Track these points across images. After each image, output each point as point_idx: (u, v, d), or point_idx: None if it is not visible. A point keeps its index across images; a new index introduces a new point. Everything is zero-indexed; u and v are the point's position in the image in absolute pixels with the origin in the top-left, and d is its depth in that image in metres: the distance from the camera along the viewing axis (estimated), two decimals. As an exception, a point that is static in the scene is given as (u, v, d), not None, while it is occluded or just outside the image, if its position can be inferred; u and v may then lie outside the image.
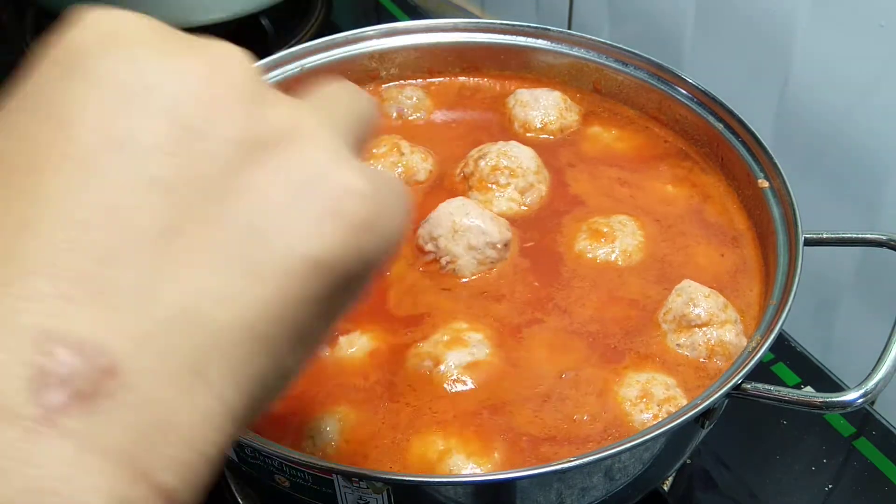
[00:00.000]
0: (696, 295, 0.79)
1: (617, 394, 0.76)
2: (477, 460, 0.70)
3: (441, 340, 0.78)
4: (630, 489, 0.75)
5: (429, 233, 0.85)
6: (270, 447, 0.66)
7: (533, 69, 1.11)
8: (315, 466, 0.65)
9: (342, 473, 0.65)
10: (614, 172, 1.00)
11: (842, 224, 1.07)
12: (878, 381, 0.68)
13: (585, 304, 0.84)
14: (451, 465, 0.69)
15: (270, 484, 0.70)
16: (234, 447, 0.69)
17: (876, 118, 1.01)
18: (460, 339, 0.78)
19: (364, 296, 0.38)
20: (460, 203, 0.86)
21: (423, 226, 0.86)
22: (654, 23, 1.29)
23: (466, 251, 0.84)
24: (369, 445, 0.72)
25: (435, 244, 0.84)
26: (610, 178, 0.99)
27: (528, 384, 0.77)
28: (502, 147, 0.95)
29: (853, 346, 1.14)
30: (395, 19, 1.70)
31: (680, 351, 0.79)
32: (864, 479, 0.93)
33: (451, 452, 0.70)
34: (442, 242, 0.84)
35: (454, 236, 0.84)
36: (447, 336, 0.79)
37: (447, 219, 0.84)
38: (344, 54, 1.10)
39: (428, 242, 0.85)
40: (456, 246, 0.84)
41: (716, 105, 0.97)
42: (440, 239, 0.84)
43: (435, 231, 0.85)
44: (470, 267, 0.84)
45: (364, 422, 0.74)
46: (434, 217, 0.85)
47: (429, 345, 0.78)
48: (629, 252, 0.88)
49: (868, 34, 0.98)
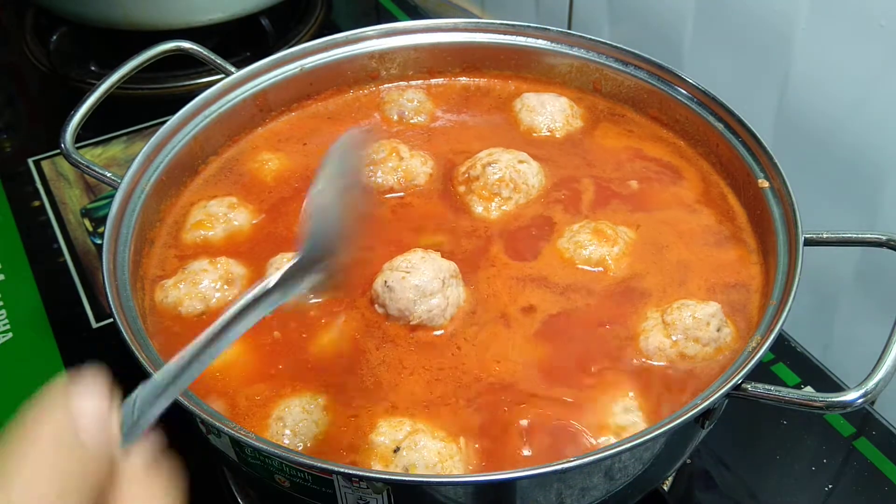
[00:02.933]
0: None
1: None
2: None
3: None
4: (630, 489, 0.75)
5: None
6: (270, 447, 0.66)
7: (533, 69, 1.12)
8: (315, 467, 0.65)
9: (342, 474, 0.65)
10: (614, 173, 1.00)
11: (842, 224, 1.07)
12: (878, 381, 0.68)
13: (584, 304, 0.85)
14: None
15: (270, 484, 0.70)
16: (234, 447, 0.69)
17: (876, 118, 1.01)
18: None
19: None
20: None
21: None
22: (654, 23, 1.29)
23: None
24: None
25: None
26: (610, 179, 0.99)
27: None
28: (513, 160, 0.95)
29: (853, 346, 1.14)
30: (395, 19, 1.70)
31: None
32: (864, 479, 0.93)
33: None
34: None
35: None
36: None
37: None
38: (344, 54, 1.10)
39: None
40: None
41: (716, 105, 0.97)
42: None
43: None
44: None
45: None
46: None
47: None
48: (621, 255, 0.89)
49: (868, 34, 0.98)
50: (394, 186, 0.97)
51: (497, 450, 0.73)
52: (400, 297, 0.81)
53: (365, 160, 0.84)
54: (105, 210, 1.21)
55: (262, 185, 1.00)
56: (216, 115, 1.01)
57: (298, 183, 1.00)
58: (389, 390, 0.78)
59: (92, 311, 1.13)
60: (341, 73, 1.11)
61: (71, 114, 0.94)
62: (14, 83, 1.60)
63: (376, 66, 1.12)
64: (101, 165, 0.93)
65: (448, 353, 0.80)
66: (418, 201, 0.96)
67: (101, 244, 0.84)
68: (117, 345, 0.73)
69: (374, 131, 1.07)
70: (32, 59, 1.59)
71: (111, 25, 1.43)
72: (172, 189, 0.97)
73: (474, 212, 0.94)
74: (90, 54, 1.53)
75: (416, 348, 0.81)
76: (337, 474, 0.65)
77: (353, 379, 0.79)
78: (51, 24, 1.53)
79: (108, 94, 0.97)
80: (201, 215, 0.94)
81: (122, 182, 0.89)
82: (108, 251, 0.82)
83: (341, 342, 0.82)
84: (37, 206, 1.29)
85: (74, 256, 1.21)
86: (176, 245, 0.92)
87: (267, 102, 1.06)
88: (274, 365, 0.80)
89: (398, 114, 1.09)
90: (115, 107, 1.06)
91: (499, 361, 0.80)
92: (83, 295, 1.16)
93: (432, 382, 0.78)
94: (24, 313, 1.14)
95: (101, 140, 1.39)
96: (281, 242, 0.92)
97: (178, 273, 0.87)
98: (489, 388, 0.78)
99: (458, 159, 1.01)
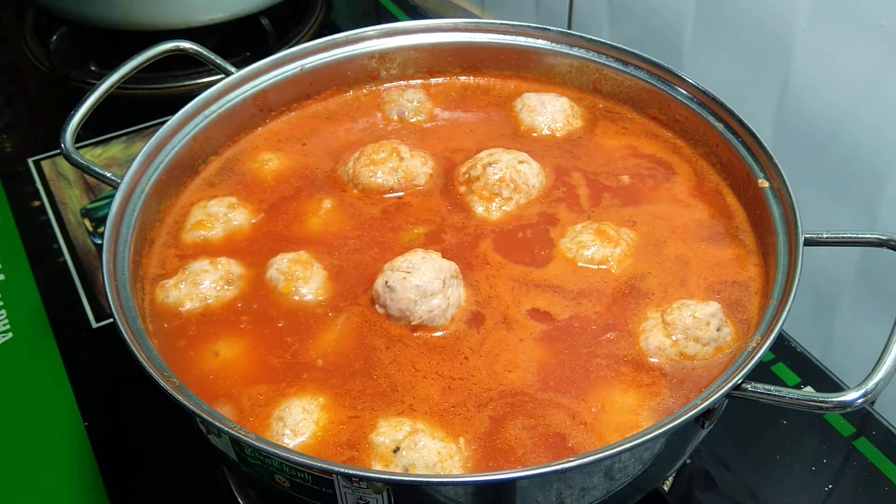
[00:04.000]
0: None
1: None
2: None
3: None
4: (630, 489, 0.75)
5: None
6: (270, 447, 0.66)
7: (533, 69, 1.11)
8: (315, 467, 0.65)
9: (342, 474, 0.65)
10: (615, 172, 1.00)
11: (842, 224, 1.08)
12: (878, 381, 0.68)
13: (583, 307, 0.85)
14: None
15: (270, 484, 0.70)
16: (234, 447, 0.69)
17: (876, 118, 1.01)
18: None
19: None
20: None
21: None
22: (654, 23, 1.29)
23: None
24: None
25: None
26: (611, 178, 0.99)
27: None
28: (513, 160, 0.96)
29: (853, 346, 1.14)
30: (395, 19, 1.70)
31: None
32: (864, 479, 0.93)
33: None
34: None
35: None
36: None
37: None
38: (344, 54, 1.10)
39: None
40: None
41: (716, 105, 0.97)
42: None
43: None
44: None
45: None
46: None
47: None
48: (623, 256, 0.89)
49: (868, 34, 0.98)
50: (394, 186, 0.97)
51: (497, 450, 0.73)
52: (401, 297, 0.81)
53: None
54: (105, 210, 1.21)
55: (262, 185, 1.00)
56: (216, 115, 1.01)
57: (298, 182, 1.00)
58: (397, 390, 0.78)
59: (92, 311, 1.14)
60: (341, 73, 1.11)
61: (71, 114, 0.94)
62: (14, 83, 1.60)
63: (376, 66, 1.12)
64: (101, 165, 0.93)
65: (449, 354, 0.80)
66: (418, 201, 0.96)
67: (101, 244, 0.84)
68: (117, 345, 0.73)
69: (374, 131, 1.07)
70: (32, 59, 1.59)
71: (111, 25, 1.43)
72: (172, 189, 0.97)
73: (475, 212, 0.94)
74: (90, 54, 1.53)
75: (416, 348, 0.81)
76: (337, 474, 0.65)
77: (353, 378, 0.79)
78: (51, 24, 1.53)
79: (108, 94, 0.97)
80: (201, 215, 0.94)
81: (122, 182, 0.89)
82: (108, 251, 0.82)
83: (341, 341, 0.82)
84: (37, 206, 1.29)
85: (74, 256, 1.21)
86: (176, 245, 0.93)
87: (267, 102, 1.07)
88: (276, 364, 0.80)
89: (398, 114, 1.09)
90: (115, 107, 1.06)
91: (501, 366, 0.80)
92: (83, 295, 1.16)
93: (426, 379, 0.78)
94: (24, 313, 1.14)
95: (101, 140, 1.39)
96: (281, 242, 0.92)
97: (179, 273, 0.87)
98: (488, 388, 0.78)
99: (458, 159, 1.01)
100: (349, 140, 1.06)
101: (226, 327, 0.83)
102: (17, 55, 1.62)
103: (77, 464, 0.96)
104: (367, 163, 0.98)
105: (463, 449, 0.73)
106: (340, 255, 0.90)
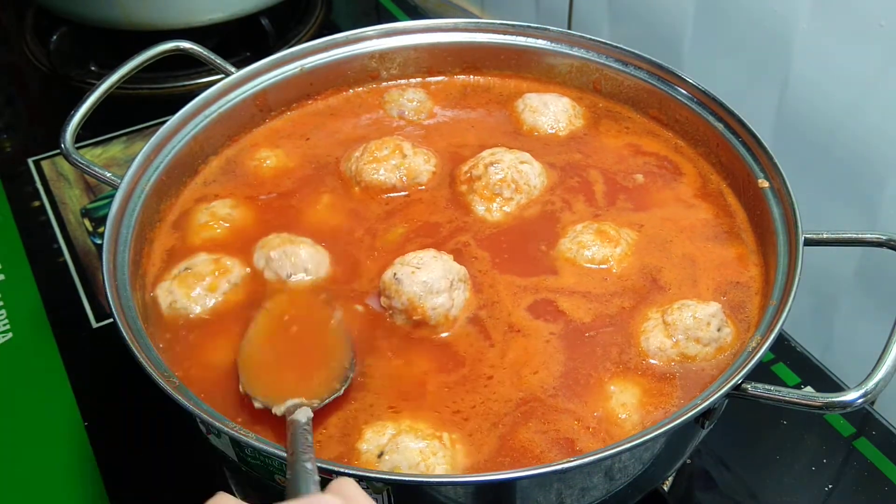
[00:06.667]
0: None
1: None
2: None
3: None
4: (630, 489, 0.75)
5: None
6: (270, 447, 0.66)
7: (533, 69, 1.12)
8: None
9: (342, 474, 0.65)
10: (616, 172, 1.00)
11: (842, 224, 1.08)
12: (878, 381, 0.68)
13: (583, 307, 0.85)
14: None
15: (270, 484, 0.70)
16: (234, 447, 0.69)
17: (876, 118, 1.01)
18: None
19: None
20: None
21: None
22: (654, 23, 1.29)
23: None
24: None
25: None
26: (612, 178, 0.99)
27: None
28: (515, 160, 0.95)
29: (853, 346, 1.14)
30: (395, 19, 1.70)
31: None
32: (864, 479, 0.93)
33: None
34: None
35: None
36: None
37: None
38: (344, 54, 1.10)
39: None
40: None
41: (716, 105, 0.97)
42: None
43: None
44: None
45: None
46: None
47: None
48: (623, 255, 0.89)
49: (868, 34, 0.98)
50: (396, 185, 0.97)
51: (505, 449, 0.73)
52: (407, 289, 0.81)
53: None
54: (105, 210, 1.21)
55: (262, 184, 1.00)
56: (216, 115, 1.01)
57: (301, 179, 1.00)
58: (391, 387, 0.78)
59: (92, 311, 1.14)
60: (341, 72, 1.11)
61: (71, 114, 0.94)
62: (14, 83, 1.60)
63: (376, 66, 1.12)
64: (101, 165, 0.93)
65: (449, 354, 0.81)
66: (419, 200, 0.96)
67: (101, 244, 0.84)
68: (117, 345, 0.72)
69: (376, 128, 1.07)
70: (32, 59, 1.59)
71: (111, 25, 1.43)
72: (172, 189, 0.97)
73: (476, 212, 0.94)
74: (90, 54, 1.53)
75: (415, 346, 0.81)
76: (337, 474, 0.65)
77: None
78: (51, 24, 1.53)
79: (108, 94, 0.97)
80: (202, 215, 0.94)
81: (122, 182, 0.89)
82: (108, 251, 0.82)
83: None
84: (37, 206, 1.29)
85: (74, 256, 1.21)
86: (176, 245, 0.92)
87: (267, 102, 1.07)
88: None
89: (398, 113, 1.09)
90: (115, 107, 1.06)
91: (501, 366, 0.80)
92: (83, 295, 1.16)
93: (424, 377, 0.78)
94: (24, 313, 1.14)
95: (101, 140, 1.39)
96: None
97: (179, 272, 0.87)
98: (487, 388, 0.78)
99: (462, 155, 1.01)
100: (354, 135, 1.06)
101: (226, 326, 0.83)
102: (17, 55, 1.62)
103: (77, 464, 0.96)
104: (369, 160, 0.98)
105: (448, 445, 0.72)
106: (341, 251, 0.90)
